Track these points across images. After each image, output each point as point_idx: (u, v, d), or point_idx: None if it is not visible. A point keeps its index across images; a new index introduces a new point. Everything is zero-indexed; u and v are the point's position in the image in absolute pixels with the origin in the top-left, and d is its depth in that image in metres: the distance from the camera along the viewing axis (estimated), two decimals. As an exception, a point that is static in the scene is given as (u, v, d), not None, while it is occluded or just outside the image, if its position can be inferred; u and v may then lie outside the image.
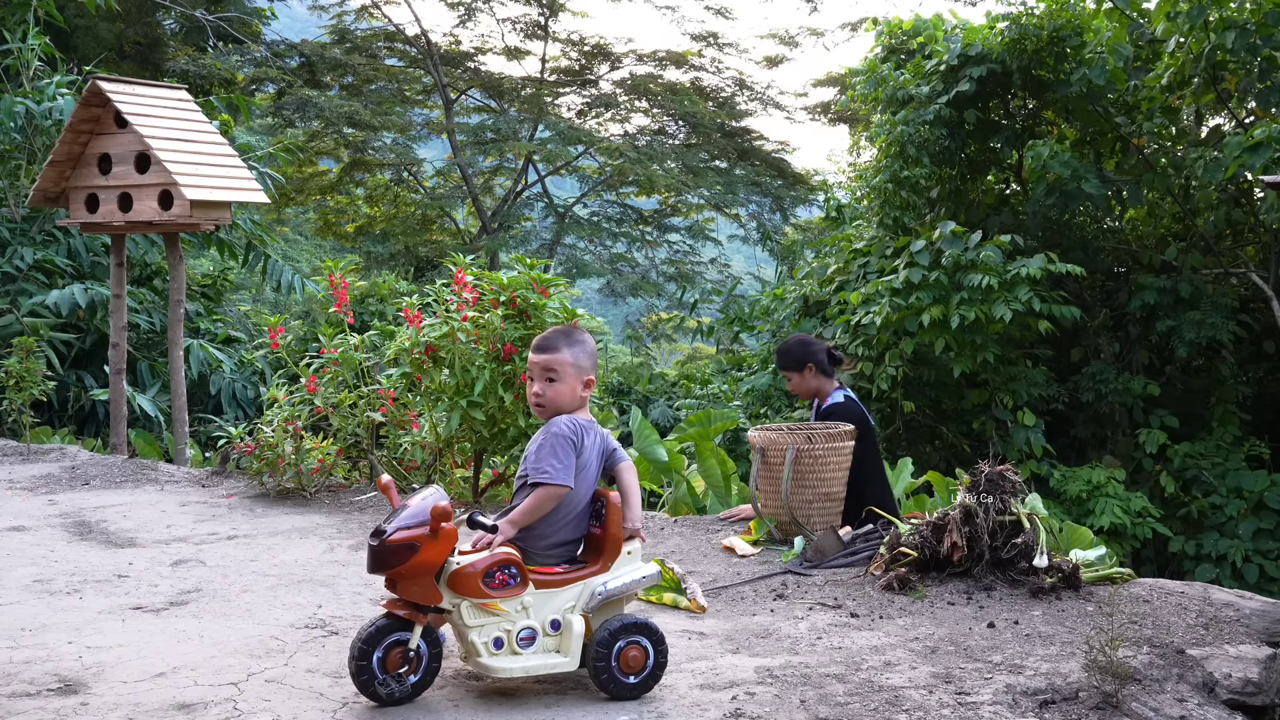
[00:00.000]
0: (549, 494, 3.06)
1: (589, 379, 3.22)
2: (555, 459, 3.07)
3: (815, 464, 4.80)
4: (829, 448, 4.83)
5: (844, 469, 4.93)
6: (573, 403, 3.20)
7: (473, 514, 3.03)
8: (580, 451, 3.12)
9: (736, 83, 24.74)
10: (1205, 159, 9.55)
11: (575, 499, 3.13)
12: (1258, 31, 9.11)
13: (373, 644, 2.91)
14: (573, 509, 3.13)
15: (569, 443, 3.10)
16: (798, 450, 4.77)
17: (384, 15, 23.72)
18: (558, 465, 3.06)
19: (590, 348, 3.25)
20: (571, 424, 3.14)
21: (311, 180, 23.64)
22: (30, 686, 3.13)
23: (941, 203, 11.45)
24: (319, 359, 6.05)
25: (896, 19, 11.82)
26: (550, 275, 5.61)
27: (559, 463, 3.07)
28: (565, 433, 3.12)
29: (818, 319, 11.06)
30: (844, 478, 4.95)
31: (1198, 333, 9.77)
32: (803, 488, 4.79)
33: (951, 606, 3.92)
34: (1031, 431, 9.66)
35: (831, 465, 4.84)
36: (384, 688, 2.91)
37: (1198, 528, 9.69)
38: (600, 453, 3.19)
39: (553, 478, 3.05)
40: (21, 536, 5.03)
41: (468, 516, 3.02)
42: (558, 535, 3.13)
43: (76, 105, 7.12)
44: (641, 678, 3.04)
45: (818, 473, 4.81)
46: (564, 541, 3.15)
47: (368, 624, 2.94)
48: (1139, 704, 3.07)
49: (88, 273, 10.44)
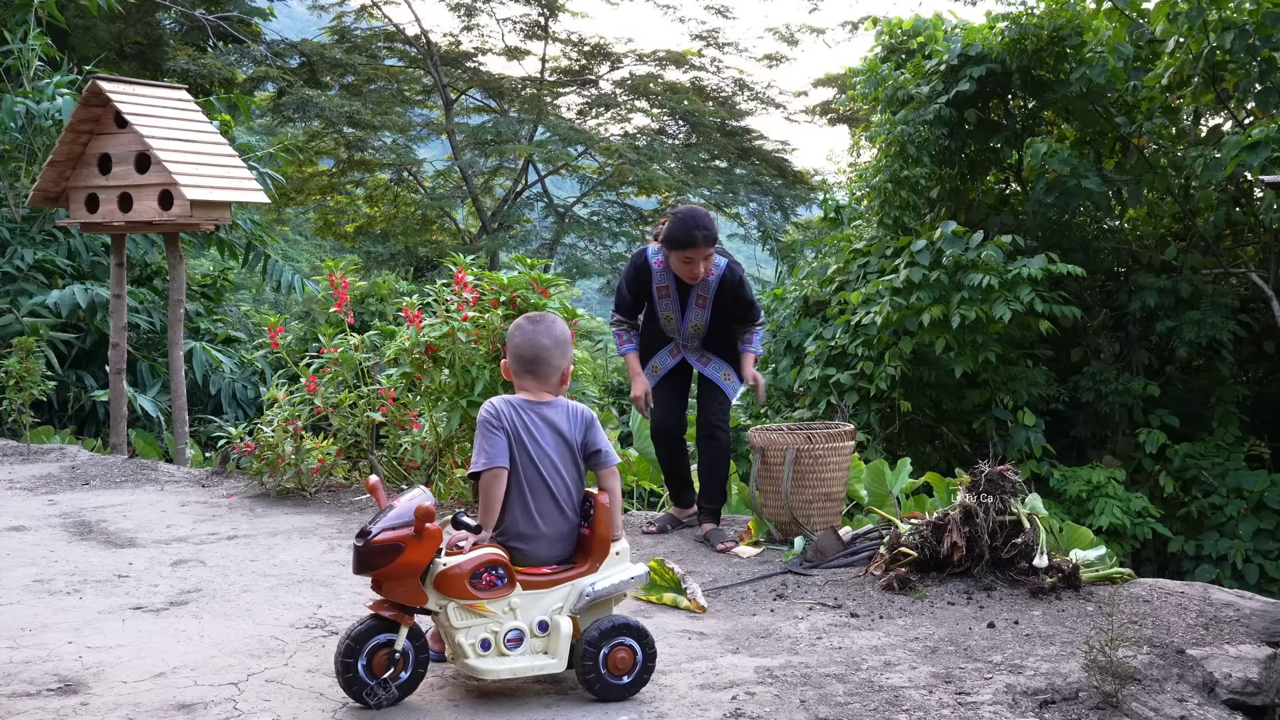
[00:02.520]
0: (486, 480, 3.07)
1: (566, 370, 3.26)
2: (479, 448, 3.10)
3: (815, 464, 4.79)
4: (829, 448, 4.83)
5: (844, 469, 4.94)
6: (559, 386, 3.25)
7: (457, 514, 3.03)
8: (502, 426, 3.11)
9: (736, 82, 24.75)
10: (1205, 159, 9.55)
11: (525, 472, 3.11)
12: (1257, 32, 9.11)
13: (358, 646, 2.90)
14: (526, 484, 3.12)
15: (486, 425, 3.11)
16: (798, 450, 4.77)
17: (384, 15, 23.73)
18: (481, 449, 3.09)
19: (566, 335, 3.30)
20: (488, 407, 3.15)
21: (311, 180, 23.63)
22: (30, 686, 3.13)
23: (941, 203, 11.46)
24: (319, 359, 6.05)
25: (896, 19, 11.82)
26: (550, 275, 5.62)
27: (484, 448, 3.08)
28: (482, 417, 3.14)
29: (818, 319, 11.07)
30: (844, 478, 4.95)
31: (1198, 333, 9.78)
32: (803, 488, 4.79)
33: (951, 606, 3.92)
34: (1031, 431, 9.66)
35: (831, 465, 4.84)
36: (371, 697, 2.90)
37: (1198, 528, 9.68)
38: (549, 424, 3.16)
39: (476, 465, 3.08)
40: (21, 536, 5.03)
41: (452, 517, 3.02)
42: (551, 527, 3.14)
43: (76, 105, 7.11)
44: (631, 678, 3.04)
45: (818, 473, 4.81)
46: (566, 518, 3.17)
47: (350, 628, 2.93)
48: (1139, 704, 3.07)
49: (88, 273, 10.44)
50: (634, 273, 4.94)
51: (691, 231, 4.65)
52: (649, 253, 4.92)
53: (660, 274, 4.88)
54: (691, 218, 4.69)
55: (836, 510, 4.91)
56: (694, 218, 4.69)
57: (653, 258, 4.89)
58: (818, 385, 10.22)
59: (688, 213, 4.73)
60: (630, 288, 4.95)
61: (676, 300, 4.90)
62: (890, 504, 5.83)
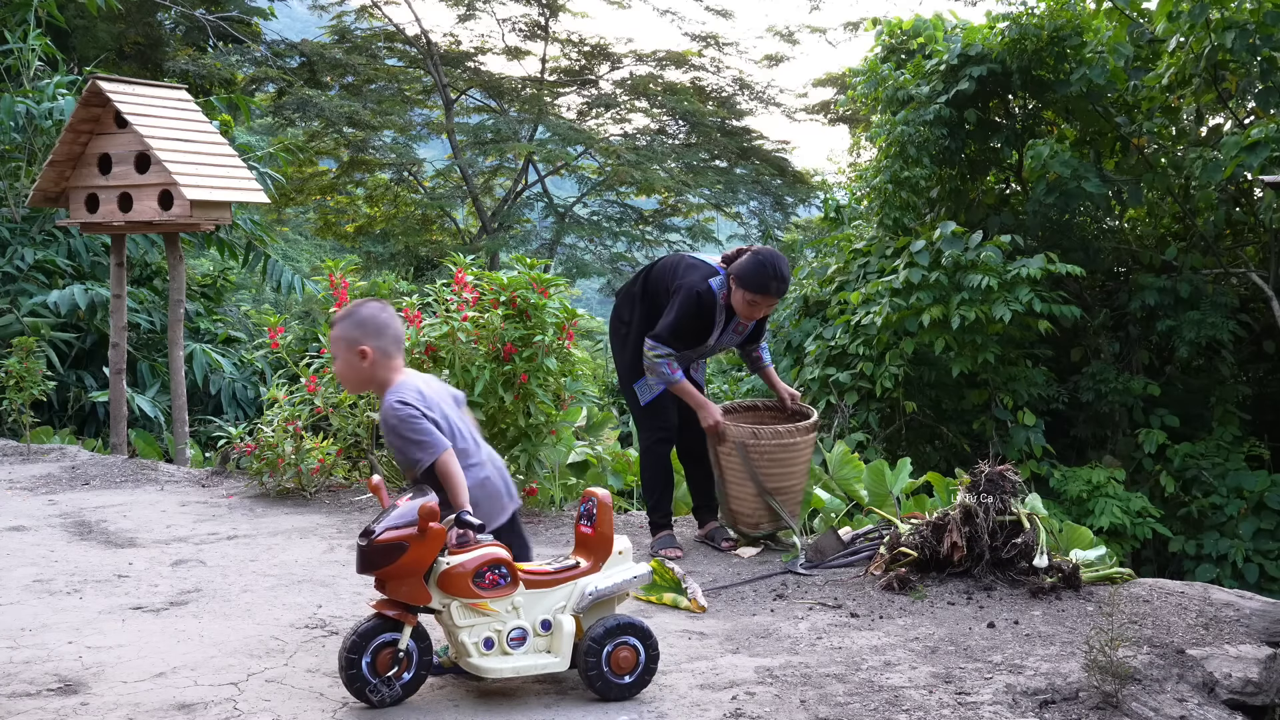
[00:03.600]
0: (443, 466, 3.07)
1: (361, 348, 3.17)
2: (416, 442, 3.08)
3: (761, 459, 4.64)
4: (778, 444, 4.65)
5: (801, 464, 4.78)
6: (362, 374, 3.20)
7: (460, 513, 3.03)
8: (428, 408, 3.13)
9: (736, 83, 24.73)
10: (1204, 159, 9.55)
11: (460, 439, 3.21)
12: (1258, 31, 9.11)
13: (361, 646, 2.90)
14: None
15: (410, 416, 3.09)
16: (746, 445, 4.63)
17: (384, 15, 23.72)
18: (424, 443, 3.08)
19: (359, 317, 3.21)
20: (396, 401, 3.11)
21: (311, 180, 23.62)
22: (30, 686, 3.13)
23: (941, 203, 11.46)
24: (319, 359, 6.05)
25: (896, 19, 11.82)
26: (550, 275, 5.61)
27: (422, 442, 3.08)
28: (402, 414, 3.09)
29: (818, 319, 11.07)
30: (802, 472, 4.81)
31: (1198, 333, 9.78)
32: (750, 482, 4.67)
33: (951, 606, 3.92)
34: (1031, 431, 9.66)
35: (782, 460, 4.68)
36: (374, 694, 2.91)
37: (1198, 528, 9.68)
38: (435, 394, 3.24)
39: (430, 454, 3.07)
40: (21, 536, 5.03)
41: (455, 515, 3.02)
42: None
43: (76, 105, 7.11)
44: (634, 678, 3.04)
45: (765, 469, 4.65)
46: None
47: (355, 626, 2.94)
48: (1139, 704, 3.07)
49: (88, 273, 10.43)
50: (698, 309, 4.68)
51: (768, 281, 4.55)
52: (715, 286, 4.70)
53: (724, 309, 4.74)
54: (773, 266, 4.56)
55: (793, 509, 4.77)
56: (775, 266, 4.56)
57: (718, 289, 4.69)
58: (818, 385, 10.22)
59: (770, 259, 4.58)
60: (692, 323, 4.70)
61: (720, 328, 4.79)
62: (890, 504, 5.82)
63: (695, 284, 4.67)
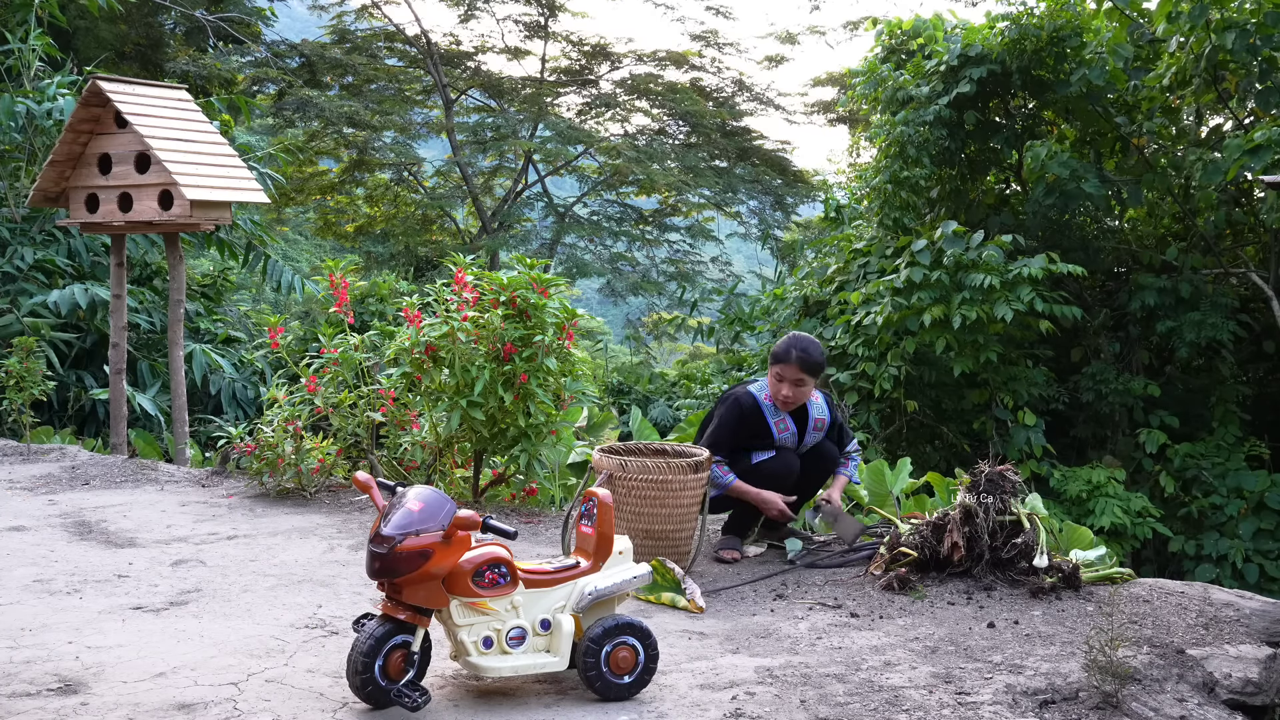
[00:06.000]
0: None
1: None
2: None
3: (629, 494, 4.23)
4: (647, 480, 4.24)
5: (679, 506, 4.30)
6: None
7: (487, 518, 3.00)
8: None
9: (736, 83, 24.75)
10: (1205, 161, 9.55)
11: None
12: (1258, 32, 9.11)
13: (374, 653, 2.86)
14: None
15: None
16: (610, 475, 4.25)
17: (384, 15, 23.73)
18: None
19: None
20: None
21: (311, 180, 23.63)
22: (30, 686, 3.13)
23: (941, 203, 11.46)
24: (319, 359, 6.04)
25: (896, 19, 11.83)
26: (550, 275, 5.60)
27: None
28: None
29: (818, 319, 11.07)
30: (677, 515, 4.31)
31: (1198, 333, 9.78)
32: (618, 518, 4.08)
33: (951, 606, 3.92)
34: (1032, 431, 9.67)
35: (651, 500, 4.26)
36: (404, 699, 2.83)
37: (1198, 528, 9.69)
38: None
39: None
40: (21, 536, 5.03)
41: (483, 521, 3.00)
42: None
43: (76, 105, 7.11)
44: (633, 678, 3.04)
45: (632, 506, 4.24)
46: None
47: (365, 634, 2.88)
48: (1139, 704, 3.07)
49: (88, 273, 10.44)
50: (738, 419, 4.60)
51: (788, 349, 4.56)
52: (754, 389, 4.66)
53: (773, 409, 4.65)
54: (794, 338, 4.58)
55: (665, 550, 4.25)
56: (795, 338, 4.60)
57: (759, 394, 4.65)
58: (817, 385, 10.22)
59: (793, 335, 4.62)
60: (734, 426, 4.60)
61: (794, 432, 4.68)
62: (890, 504, 5.83)
63: (734, 390, 4.73)
